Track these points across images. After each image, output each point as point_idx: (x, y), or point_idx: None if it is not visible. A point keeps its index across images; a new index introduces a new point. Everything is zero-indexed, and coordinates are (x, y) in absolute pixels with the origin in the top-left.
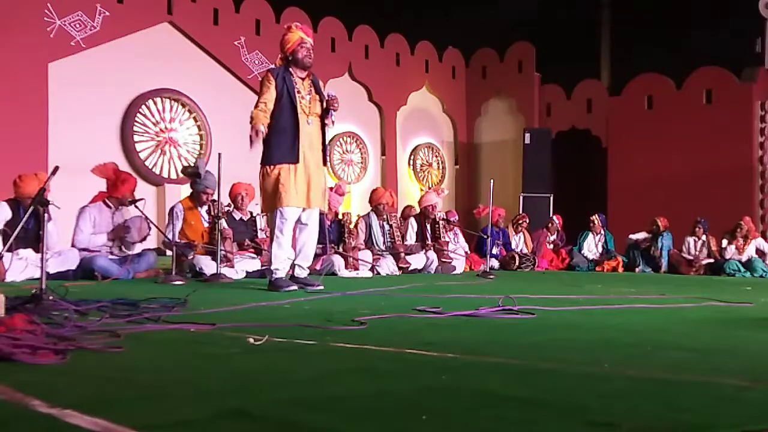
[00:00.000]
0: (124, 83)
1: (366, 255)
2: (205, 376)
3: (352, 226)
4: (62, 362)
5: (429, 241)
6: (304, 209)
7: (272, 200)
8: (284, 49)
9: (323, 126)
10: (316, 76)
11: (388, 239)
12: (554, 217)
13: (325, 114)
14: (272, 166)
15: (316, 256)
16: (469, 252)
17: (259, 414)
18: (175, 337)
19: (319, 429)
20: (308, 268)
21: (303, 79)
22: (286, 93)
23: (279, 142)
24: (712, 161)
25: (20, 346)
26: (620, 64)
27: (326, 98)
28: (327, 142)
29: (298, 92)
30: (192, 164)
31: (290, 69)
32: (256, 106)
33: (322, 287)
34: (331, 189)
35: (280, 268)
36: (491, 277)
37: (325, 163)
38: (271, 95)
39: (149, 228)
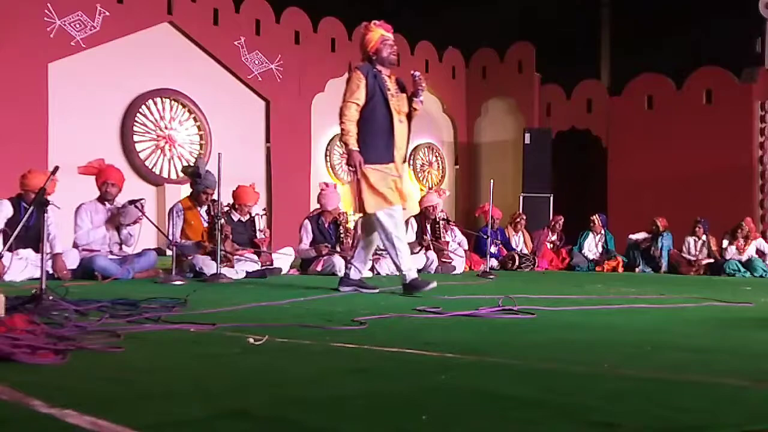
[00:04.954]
0: (124, 83)
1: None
2: (205, 376)
3: (350, 226)
4: (62, 362)
5: (429, 239)
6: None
7: (375, 201)
8: (366, 49)
9: (410, 124)
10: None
11: None
12: (559, 218)
13: (410, 101)
14: (368, 167)
15: (316, 257)
16: (467, 249)
17: (259, 414)
18: (175, 337)
19: (319, 429)
20: (310, 270)
21: (389, 77)
22: (378, 92)
23: (374, 142)
24: (712, 161)
25: (20, 346)
26: (620, 64)
27: (413, 78)
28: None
29: (388, 90)
30: (192, 164)
31: (377, 67)
32: (346, 107)
33: (377, 290)
34: (327, 185)
35: (412, 267)
36: (491, 277)
37: (405, 161)
38: (361, 93)
39: (143, 209)
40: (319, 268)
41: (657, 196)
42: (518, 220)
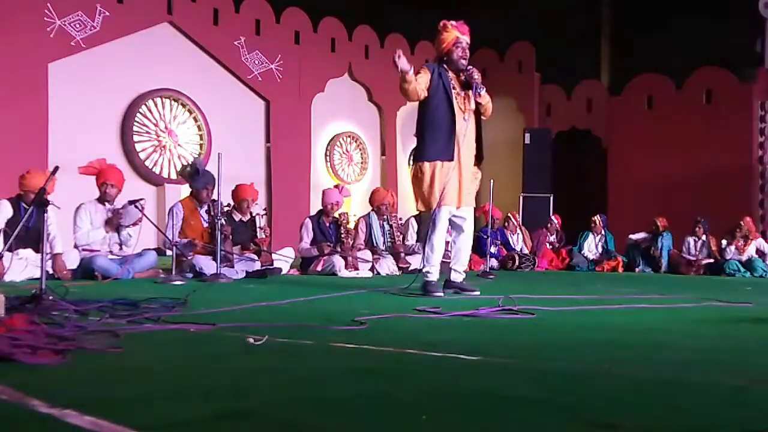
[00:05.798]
0: (124, 83)
1: (366, 255)
2: (205, 376)
3: (350, 226)
4: (62, 362)
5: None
6: (457, 209)
7: (428, 199)
8: (440, 48)
9: (479, 123)
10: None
11: (388, 239)
12: (553, 217)
13: (469, 91)
14: (428, 164)
15: (317, 257)
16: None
17: (259, 414)
18: (175, 337)
19: (319, 429)
20: (310, 269)
21: (457, 75)
22: (442, 88)
23: (434, 138)
24: (712, 161)
25: (20, 346)
26: (620, 64)
27: (465, 72)
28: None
29: (454, 88)
30: (189, 164)
31: (444, 66)
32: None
33: (478, 293)
34: (337, 186)
35: (433, 271)
36: (491, 277)
37: (478, 162)
38: (425, 78)
39: (143, 210)
40: (319, 268)
41: (657, 196)
42: (509, 219)
